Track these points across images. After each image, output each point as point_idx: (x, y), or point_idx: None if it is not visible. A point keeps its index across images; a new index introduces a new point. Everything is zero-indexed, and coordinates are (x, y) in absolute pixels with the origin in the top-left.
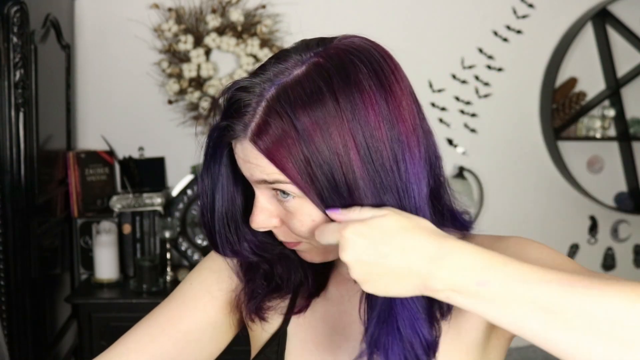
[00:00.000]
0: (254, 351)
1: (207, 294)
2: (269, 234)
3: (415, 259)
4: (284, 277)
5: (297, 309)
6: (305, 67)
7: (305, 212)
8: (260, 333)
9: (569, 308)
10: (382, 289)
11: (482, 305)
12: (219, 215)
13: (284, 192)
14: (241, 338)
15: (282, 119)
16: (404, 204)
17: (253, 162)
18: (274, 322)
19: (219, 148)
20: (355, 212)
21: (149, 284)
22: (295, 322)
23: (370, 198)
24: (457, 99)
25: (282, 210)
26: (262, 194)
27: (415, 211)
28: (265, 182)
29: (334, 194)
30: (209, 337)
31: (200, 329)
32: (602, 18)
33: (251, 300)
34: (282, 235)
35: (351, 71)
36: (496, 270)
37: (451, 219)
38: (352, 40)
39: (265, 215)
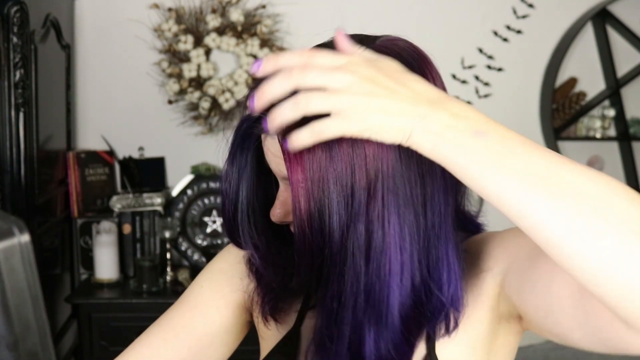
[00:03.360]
0: (265, 351)
1: (219, 297)
2: (287, 231)
3: (416, 97)
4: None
5: (311, 304)
6: None
7: None
8: (273, 334)
9: (565, 178)
10: (363, 119)
11: (470, 157)
12: (243, 207)
13: None
14: (245, 338)
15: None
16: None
17: (279, 155)
18: (286, 322)
19: (248, 138)
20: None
21: (149, 284)
22: (308, 322)
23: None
24: (457, 99)
25: None
26: (287, 189)
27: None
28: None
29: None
30: (221, 340)
31: (213, 332)
32: (602, 18)
33: (265, 301)
34: None
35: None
36: (496, 125)
37: (464, 220)
38: (396, 43)
39: (285, 209)
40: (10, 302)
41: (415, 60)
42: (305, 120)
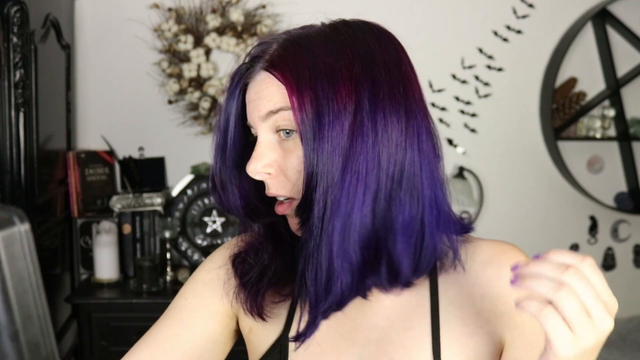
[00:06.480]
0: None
1: (203, 308)
2: (262, 200)
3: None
4: (273, 258)
5: (285, 292)
6: (323, 27)
7: None
8: (260, 342)
9: None
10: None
11: None
12: (228, 154)
13: (286, 131)
14: (240, 338)
15: (297, 49)
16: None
17: (262, 93)
18: (273, 330)
19: (235, 89)
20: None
21: (149, 284)
22: (296, 328)
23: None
24: (457, 99)
25: (281, 154)
26: (265, 137)
27: (420, 161)
28: (271, 113)
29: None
30: (209, 352)
31: (200, 345)
32: (602, 18)
33: (250, 296)
34: (274, 187)
35: (366, 31)
36: None
37: (448, 221)
38: (365, 20)
39: (264, 161)
40: (11, 291)
41: (385, 32)
42: None
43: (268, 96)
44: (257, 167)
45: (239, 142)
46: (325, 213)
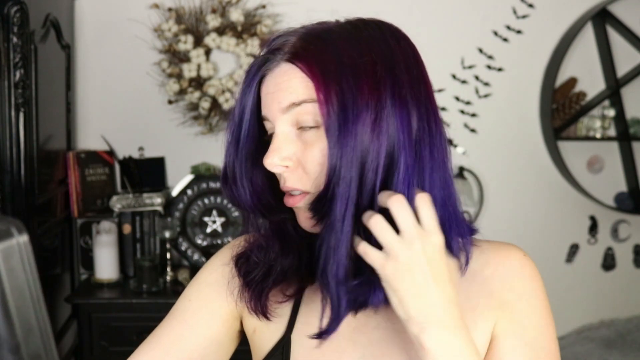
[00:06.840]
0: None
1: (207, 309)
2: (274, 196)
3: (435, 309)
4: (279, 256)
5: (290, 292)
6: (342, 24)
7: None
8: (264, 342)
9: None
10: (400, 287)
11: None
12: (242, 147)
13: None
14: (243, 339)
15: (321, 42)
16: (425, 124)
17: (284, 85)
18: (277, 329)
19: (253, 81)
20: (428, 213)
21: (149, 284)
22: (299, 328)
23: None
24: (457, 99)
25: (300, 146)
26: (283, 129)
27: (434, 152)
28: (293, 105)
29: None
30: (213, 353)
31: (204, 346)
32: (602, 18)
33: (253, 291)
34: (292, 181)
35: (384, 30)
36: None
37: (457, 223)
38: (381, 20)
39: (282, 154)
40: (11, 303)
41: (400, 31)
42: None
43: (290, 88)
44: (275, 160)
45: (254, 135)
46: (348, 209)
